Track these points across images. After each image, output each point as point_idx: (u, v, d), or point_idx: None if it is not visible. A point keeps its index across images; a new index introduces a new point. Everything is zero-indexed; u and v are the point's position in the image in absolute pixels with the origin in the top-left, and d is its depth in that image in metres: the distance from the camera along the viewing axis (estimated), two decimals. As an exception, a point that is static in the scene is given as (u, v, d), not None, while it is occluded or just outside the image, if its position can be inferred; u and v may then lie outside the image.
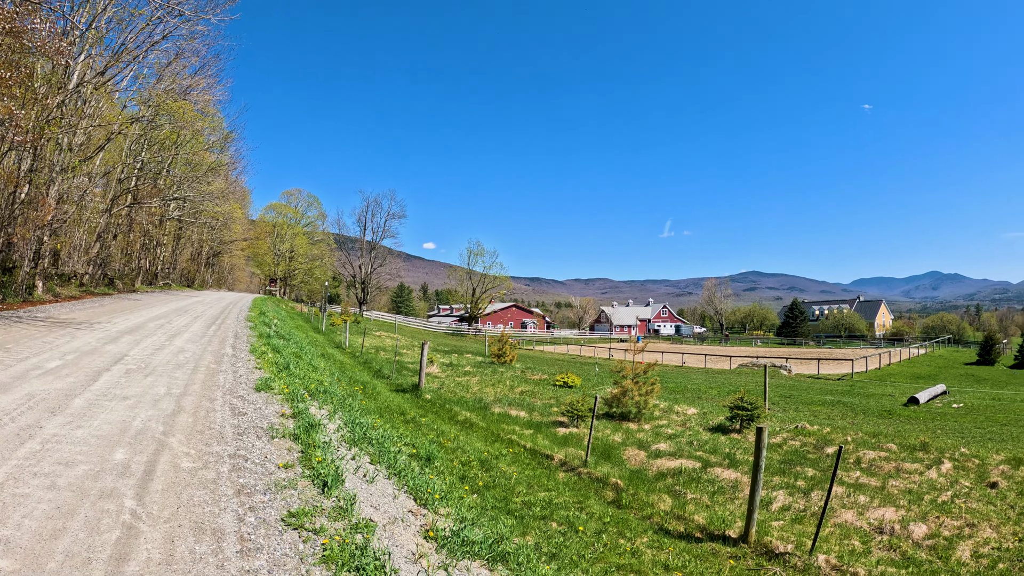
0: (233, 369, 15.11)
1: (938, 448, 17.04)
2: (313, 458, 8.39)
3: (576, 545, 9.17)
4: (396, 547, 6.53)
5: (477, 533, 7.57)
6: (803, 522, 11.77)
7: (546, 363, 48.71)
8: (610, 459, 15.85)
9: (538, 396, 25.77)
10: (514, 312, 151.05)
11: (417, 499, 8.45)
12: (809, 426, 20.31)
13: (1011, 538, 10.65)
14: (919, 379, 50.28)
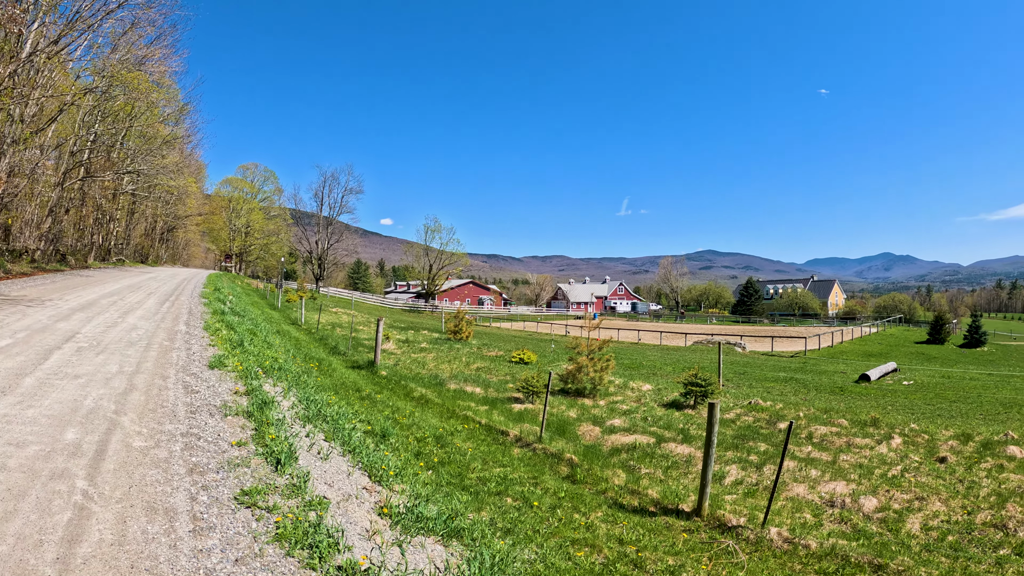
0: (187, 346, 14.90)
1: (888, 424, 17.44)
2: (267, 436, 8.32)
3: (531, 520, 9.18)
4: (350, 524, 6.50)
5: (432, 509, 7.57)
6: (756, 496, 11.94)
7: (502, 340, 48.79)
8: (565, 435, 15.91)
9: (494, 372, 25.81)
10: (471, 289, 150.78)
11: (372, 476, 8.43)
12: (762, 402, 20.65)
13: (960, 511, 10.92)
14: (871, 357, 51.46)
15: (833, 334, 69.72)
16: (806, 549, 9.21)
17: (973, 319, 77.85)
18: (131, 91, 42.92)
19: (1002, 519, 10.36)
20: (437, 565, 6.31)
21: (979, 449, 14.80)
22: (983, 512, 10.78)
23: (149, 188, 62.26)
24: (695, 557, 8.79)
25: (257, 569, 5.25)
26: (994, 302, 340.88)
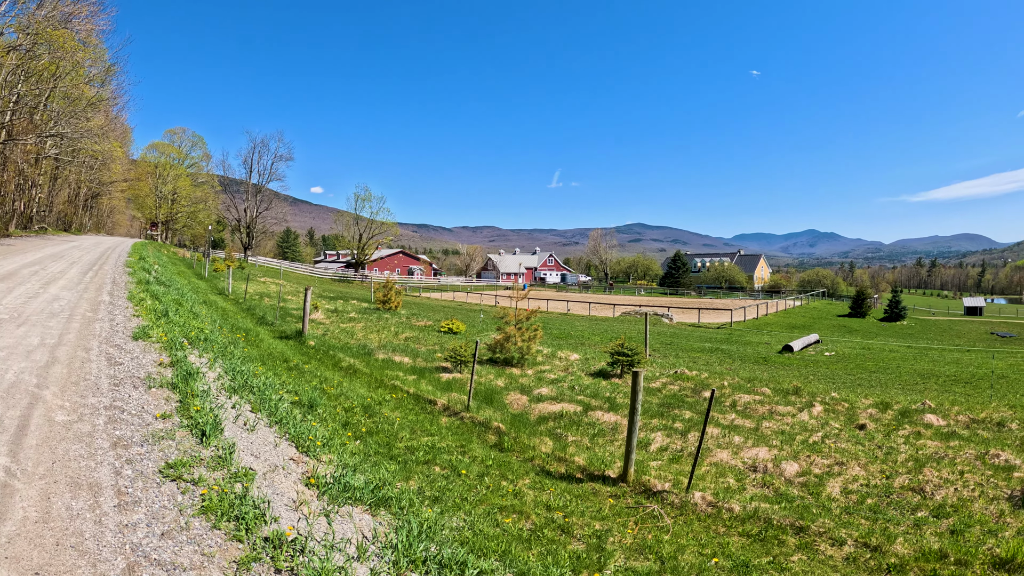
0: (110, 317, 14.51)
1: (810, 392, 17.97)
2: (191, 407, 8.16)
3: (459, 488, 9.20)
4: (276, 495, 6.42)
5: (359, 479, 7.53)
6: (680, 462, 12.14)
7: (432, 310, 48.78)
8: (493, 403, 15.94)
9: (423, 342, 25.70)
10: (401, 259, 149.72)
11: (299, 446, 8.34)
12: (688, 371, 21.04)
13: (878, 475, 11.32)
14: (794, 329, 52.95)
15: (758, 307, 71.58)
16: (730, 512, 9.45)
17: (893, 294, 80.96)
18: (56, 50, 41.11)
19: (919, 483, 10.76)
20: (365, 534, 6.25)
21: (897, 417, 15.37)
22: (901, 476, 11.18)
23: (73, 152, 59.79)
24: (621, 522, 8.93)
25: (183, 542, 5.16)
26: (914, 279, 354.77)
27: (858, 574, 7.70)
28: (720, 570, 7.59)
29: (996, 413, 15.49)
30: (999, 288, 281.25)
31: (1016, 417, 15.16)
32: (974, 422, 14.88)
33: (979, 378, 25.04)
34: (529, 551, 7.35)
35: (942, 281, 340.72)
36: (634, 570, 7.32)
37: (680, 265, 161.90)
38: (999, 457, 12.00)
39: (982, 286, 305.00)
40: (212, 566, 4.96)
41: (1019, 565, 7.64)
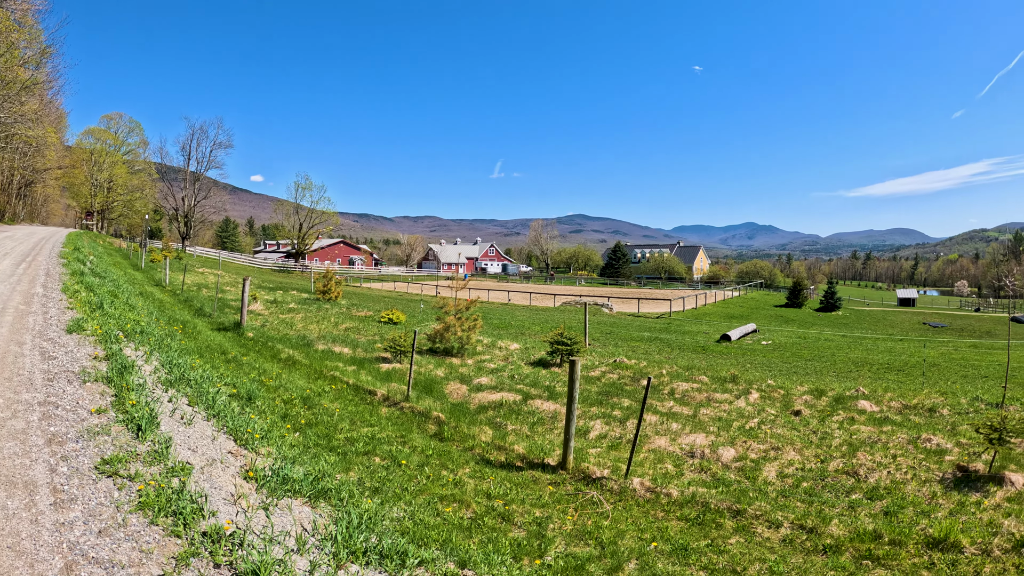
0: (43, 310, 14.04)
1: (747, 380, 18.30)
2: (127, 402, 7.98)
3: (399, 479, 9.15)
4: (214, 489, 6.33)
5: (298, 471, 7.44)
6: (619, 448, 12.24)
7: (372, 300, 48.48)
8: (432, 393, 15.88)
9: (362, 333, 25.48)
10: (342, 248, 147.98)
11: (237, 439, 8.23)
12: (627, 360, 21.23)
13: (813, 459, 11.61)
14: (732, 319, 53.87)
15: (697, 297, 72.66)
16: (668, 497, 9.56)
17: (829, 285, 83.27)
18: (-10, 30, 39.22)
19: (853, 467, 11.04)
20: (304, 526, 6.19)
21: (832, 403, 15.75)
22: (835, 460, 11.47)
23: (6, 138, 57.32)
24: (561, 508, 8.98)
25: (121, 539, 5.05)
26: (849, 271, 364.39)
27: (795, 555, 7.84)
28: (659, 554, 7.66)
29: (928, 399, 15.95)
30: (931, 280, 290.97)
31: (947, 403, 15.65)
32: (906, 408, 15.30)
33: (911, 366, 25.77)
34: (470, 539, 7.33)
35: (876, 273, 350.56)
36: (574, 556, 7.35)
37: (620, 256, 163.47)
38: (931, 441, 12.36)
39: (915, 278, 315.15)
40: (151, 563, 4.86)
41: (952, 544, 7.87)
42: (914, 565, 7.56)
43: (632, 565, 7.32)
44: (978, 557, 7.69)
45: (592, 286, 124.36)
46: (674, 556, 7.62)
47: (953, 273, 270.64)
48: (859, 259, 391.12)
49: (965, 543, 7.89)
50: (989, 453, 11.10)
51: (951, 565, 7.52)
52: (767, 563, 7.53)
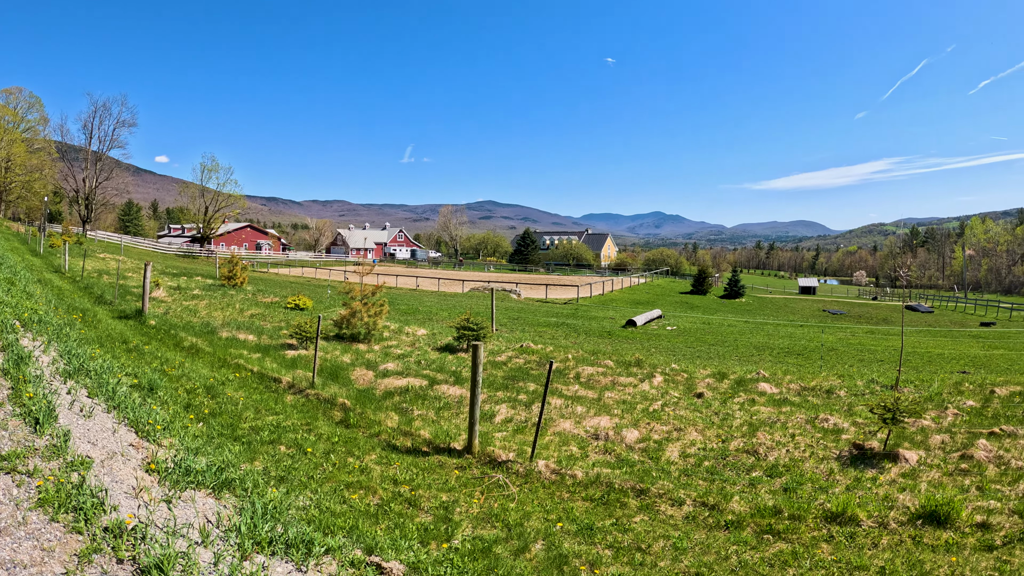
0: None
1: (651, 364, 18.70)
2: (24, 394, 7.58)
3: (305, 467, 9.02)
4: (115, 483, 6.08)
5: (201, 462, 7.26)
6: (525, 432, 12.28)
7: (279, 286, 47.72)
8: (338, 380, 15.68)
9: (268, 319, 24.95)
10: (249, 233, 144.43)
11: (139, 431, 7.93)
12: (533, 345, 21.39)
13: (715, 439, 11.94)
14: (638, 305, 54.90)
15: (604, 283, 73.93)
16: (573, 479, 9.66)
17: (733, 274, 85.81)
18: None
19: (753, 446, 11.41)
20: (208, 518, 6.03)
21: (733, 386, 16.27)
22: (736, 440, 11.82)
23: None
24: (468, 492, 8.99)
25: (22, 538, 4.81)
26: (753, 260, 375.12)
27: (698, 531, 8.04)
28: (565, 534, 7.74)
29: (825, 382, 16.61)
30: (831, 270, 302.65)
31: (844, 385, 16.33)
32: (805, 390, 15.89)
33: (810, 350, 26.76)
34: (377, 526, 7.28)
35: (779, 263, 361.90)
36: (481, 538, 7.36)
37: (529, 242, 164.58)
38: (828, 421, 12.87)
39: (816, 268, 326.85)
40: (52, 560, 4.65)
41: (849, 518, 8.24)
42: (813, 538, 7.84)
43: (539, 546, 7.37)
44: (875, 530, 8.05)
45: (501, 272, 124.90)
46: (580, 536, 7.72)
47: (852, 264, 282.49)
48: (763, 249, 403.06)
49: (862, 517, 8.26)
50: (884, 432, 11.61)
51: (849, 538, 7.84)
52: (671, 540, 7.69)
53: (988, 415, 13.49)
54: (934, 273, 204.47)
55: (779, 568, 7.13)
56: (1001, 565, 6.97)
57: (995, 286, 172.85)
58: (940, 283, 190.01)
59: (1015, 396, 15.05)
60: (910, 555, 7.36)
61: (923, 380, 17.41)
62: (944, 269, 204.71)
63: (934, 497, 8.54)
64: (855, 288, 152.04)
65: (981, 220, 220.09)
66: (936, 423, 12.97)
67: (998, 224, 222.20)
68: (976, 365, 24.58)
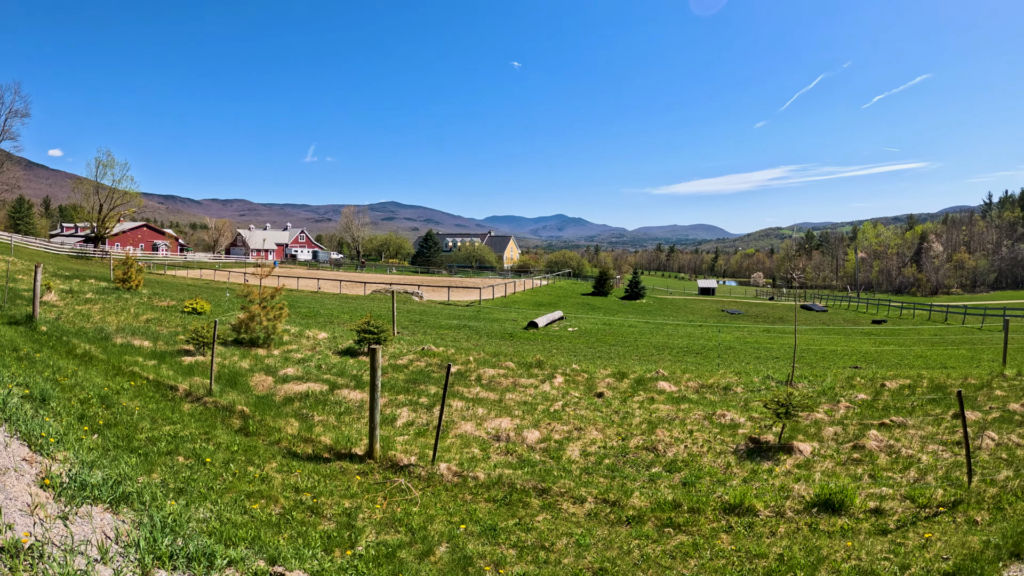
0: None
1: (552, 365, 18.92)
2: None
3: (204, 477, 8.83)
4: (9, 500, 5.83)
5: (97, 476, 7.03)
6: (426, 435, 12.26)
7: (177, 288, 46.49)
8: (237, 386, 15.31)
9: (164, 324, 24.09)
10: (145, 233, 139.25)
11: (31, 445, 7.62)
12: (435, 348, 21.36)
13: (615, 438, 12.19)
14: (540, 306, 55.43)
15: (507, 285, 74.42)
16: (475, 480, 9.72)
17: (634, 275, 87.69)
18: None
19: (653, 443, 11.69)
20: (107, 534, 5.86)
21: (633, 385, 16.60)
22: (636, 438, 12.09)
23: None
24: (370, 498, 8.95)
25: None
26: (654, 262, 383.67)
27: (600, 527, 8.22)
28: (469, 535, 7.80)
29: (723, 379, 17.12)
30: (730, 272, 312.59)
31: (741, 382, 16.87)
32: (703, 387, 16.35)
33: (709, 349, 27.49)
34: (279, 535, 7.20)
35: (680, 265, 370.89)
36: (385, 543, 7.35)
37: (432, 244, 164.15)
38: (725, 417, 13.28)
39: (715, 270, 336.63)
40: None
41: (747, 509, 8.58)
42: (713, 529, 8.12)
43: (443, 548, 7.40)
44: (773, 519, 8.40)
45: (403, 274, 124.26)
46: (484, 537, 7.78)
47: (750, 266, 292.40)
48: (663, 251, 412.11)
49: (760, 507, 8.59)
50: (778, 426, 12.05)
51: (748, 528, 8.17)
52: (574, 537, 7.83)
53: (879, 407, 14.18)
54: (828, 274, 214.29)
55: (681, 560, 7.34)
56: (895, 548, 7.37)
57: (886, 286, 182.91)
58: (834, 284, 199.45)
59: (904, 389, 15.89)
60: (807, 542, 7.70)
61: (817, 375, 18.14)
62: (838, 271, 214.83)
63: (828, 486, 8.95)
64: (753, 289, 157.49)
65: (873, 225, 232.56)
66: (829, 416, 13.55)
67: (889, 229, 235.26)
68: (868, 360, 25.73)
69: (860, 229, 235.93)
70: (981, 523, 7.90)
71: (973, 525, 7.88)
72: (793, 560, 7.16)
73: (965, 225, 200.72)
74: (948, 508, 8.41)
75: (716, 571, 7.05)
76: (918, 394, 15.33)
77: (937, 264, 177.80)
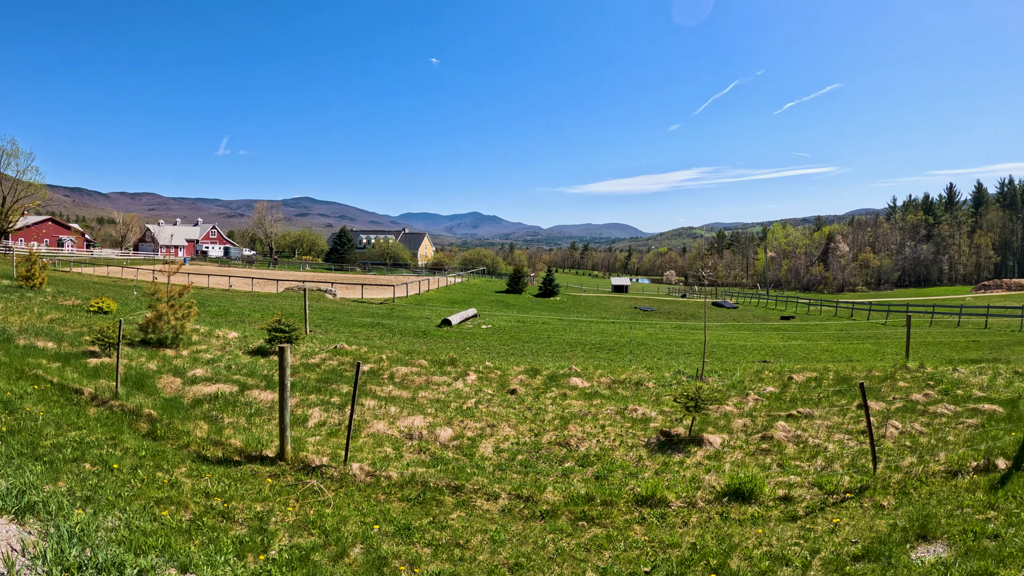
0: None
1: (465, 362, 18.98)
2: None
3: (113, 484, 8.52)
4: None
5: (1, 485, 6.89)
6: (338, 435, 12.11)
7: (82, 287, 44.79)
8: (144, 389, 14.84)
9: (69, 324, 23.19)
10: (51, 228, 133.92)
11: None
12: (347, 346, 21.14)
13: (527, 434, 12.31)
14: (455, 304, 55.43)
15: (421, 283, 74.19)
16: (388, 480, 9.65)
17: (548, 273, 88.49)
18: None
19: (565, 438, 11.84)
20: (12, 545, 5.69)
21: (546, 381, 16.77)
22: (549, 433, 12.23)
23: None
24: (282, 500, 8.79)
25: None
26: (568, 260, 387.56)
27: (514, 523, 8.26)
28: (383, 536, 7.74)
29: (635, 375, 17.41)
30: (643, 270, 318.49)
31: (652, 377, 17.19)
32: (616, 383, 16.61)
33: (621, 345, 27.92)
34: (191, 542, 7.02)
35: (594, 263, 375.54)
36: (299, 547, 7.25)
37: (346, 241, 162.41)
38: (636, 411, 13.53)
39: (629, 268, 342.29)
40: None
41: (659, 500, 8.77)
42: (626, 521, 8.27)
43: (357, 550, 7.33)
44: (684, 509, 8.62)
45: (317, 271, 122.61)
46: (398, 536, 7.74)
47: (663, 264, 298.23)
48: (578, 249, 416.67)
49: (671, 498, 8.79)
50: (688, 419, 12.33)
51: (660, 518, 8.35)
52: (488, 533, 7.86)
53: (786, 399, 14.66)
54: (739, 273, 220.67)
55: (595, 552, 7.43)
56: (805, 533, 7.66)
57: (795, 284, 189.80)
58: (745, 282, 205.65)
59: (811, 381, 16.45)
60: (719, 530, 7.91)
61: (727, 370, 18.63)
62: (748, 269, 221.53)
63: (738, 476, 9.22)
64: (665, 287, 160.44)
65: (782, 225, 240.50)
66: (739, 408, 13.95)
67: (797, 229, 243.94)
68: (776, 355, 26.54)
69: (770, 229, 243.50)
70: (888, 507, 8.27)
71: (880, 509, 8.24)
72: (706, 548, 7.33)
73: (870, 227, 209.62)
74: (855, 494, 8.77)
75: (630, 562, 7.17)
76: (824, 386, 15.90)
77: (843, 263, 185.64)
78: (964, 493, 8.44)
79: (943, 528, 7.30)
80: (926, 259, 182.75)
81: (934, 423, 12.25)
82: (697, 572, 6.89)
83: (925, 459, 9.91)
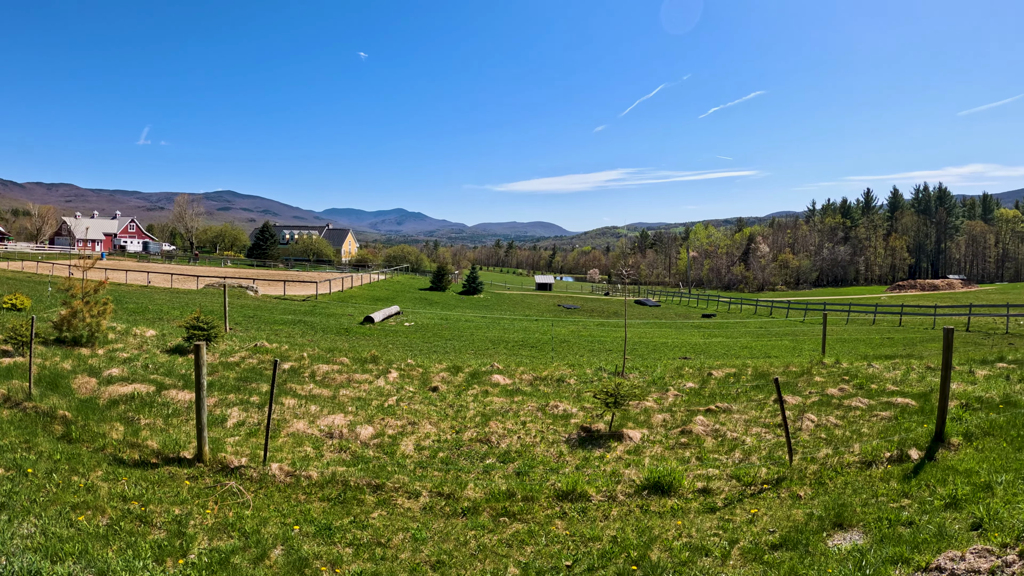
0: None
1: (387, 360, 18.93)
2: None
3: (27, 490, 8.28)
4: None
5: None
6: (258, 435, 11.93)
7: None
8: (59, 389, 14.35)
9: (-20, 322, 22.23)
10: None
11: None
12: (268, 344, 20.86)
13: (449, 431, 12.34)
14: (378, 301, 55.11)
15: (344, 280, 73.47)
16: (308, 480, 9.56)
17: (472, 270, 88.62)
18: None
19: (486, 435, 11.90)
20: None
21: (468, 378, 16.84)
22: (470, 430, 12.29)
23: None
24: (201, 503, 8.65)
25: None
26: (493, 258, 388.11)
27: (436, 521, 8.29)
28: (304, 536, 7.69)
29: (557, 371, 17.57)
30: (567, 268, 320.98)
31: (574, 374, 17.38)
32: (537, 380, 16.74)
33: (544, 343, 28.15)
34: (108, 548, 6.87)
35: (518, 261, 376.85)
36: (218, 550, 7.15)
37: (269, 236, 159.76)
38: (558, 408, 13.66)
39: (553, 266, 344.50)
40: None
41: (580, 495, 8.92)
42: (547, 516, 8.37)
43: (278, 551, 7.27)
44: (605, 503, 8.78)
45: (239, 267, 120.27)
46: (319, 537, 7.70)
47: (587, 262, 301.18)
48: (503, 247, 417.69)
49: (592, 492, 8.95)
50: (608, 415, 12.50)
51: (581, 513, 8.48)
52: (410, 531, 7.87)
53: (706, 394, 15.00)
54: (662, 272, 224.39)
55: (517, 547, 7.50)
56: (724, 524, 7.87)
57: (716, 283, 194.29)
58: (667, 281, 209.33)
59: (730, 377, 16.87)
60: (639, 522, 8.08)
61: (648, 366, 18.93)
62: (671, 268, 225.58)
63: (658, 469, 9.43)
64: (589, 285, 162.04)
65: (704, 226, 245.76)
66: (659, 404, 14.22)
67: (719, 230, 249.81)
68: (697, 351, 27.10)
69: (692, 230, 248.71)
70: (804, 497, 8.54)
71: (797, 500, 8.51)
72: (626, 541, 7.47)
73: (790, 229, 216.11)
74: (772, 485, 9.04)
75: (552, 556, 7.26)
76: (743, 381, 16.32)
77: (764, 263, 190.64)
78: (879, 483, 8.78)
79: (859, 516, 7.60)
80: (843, 260, 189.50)
81: (849, 416, 12.66)
82: (618, 564, 7.01)
83: (840, 451, 10.26)
